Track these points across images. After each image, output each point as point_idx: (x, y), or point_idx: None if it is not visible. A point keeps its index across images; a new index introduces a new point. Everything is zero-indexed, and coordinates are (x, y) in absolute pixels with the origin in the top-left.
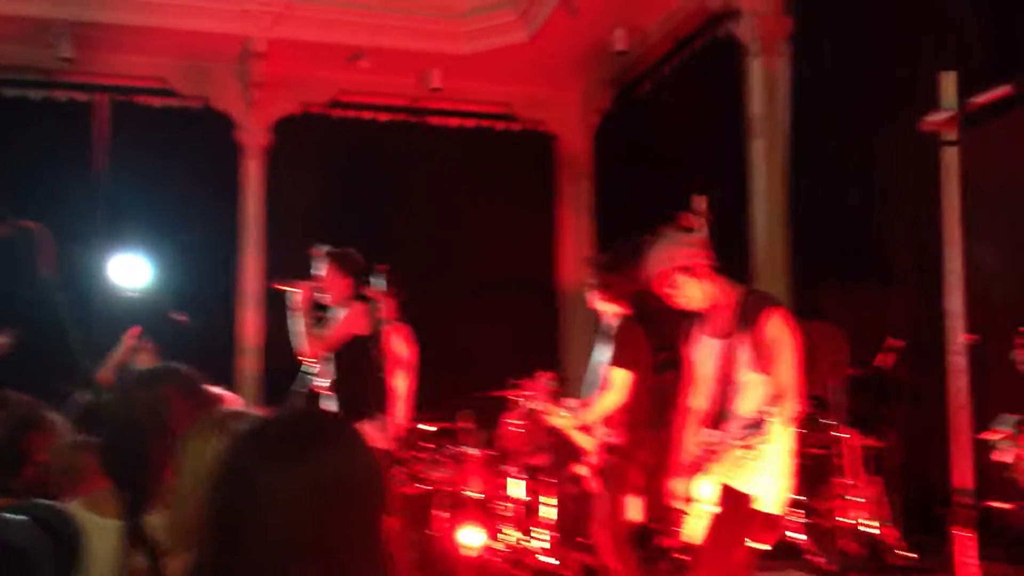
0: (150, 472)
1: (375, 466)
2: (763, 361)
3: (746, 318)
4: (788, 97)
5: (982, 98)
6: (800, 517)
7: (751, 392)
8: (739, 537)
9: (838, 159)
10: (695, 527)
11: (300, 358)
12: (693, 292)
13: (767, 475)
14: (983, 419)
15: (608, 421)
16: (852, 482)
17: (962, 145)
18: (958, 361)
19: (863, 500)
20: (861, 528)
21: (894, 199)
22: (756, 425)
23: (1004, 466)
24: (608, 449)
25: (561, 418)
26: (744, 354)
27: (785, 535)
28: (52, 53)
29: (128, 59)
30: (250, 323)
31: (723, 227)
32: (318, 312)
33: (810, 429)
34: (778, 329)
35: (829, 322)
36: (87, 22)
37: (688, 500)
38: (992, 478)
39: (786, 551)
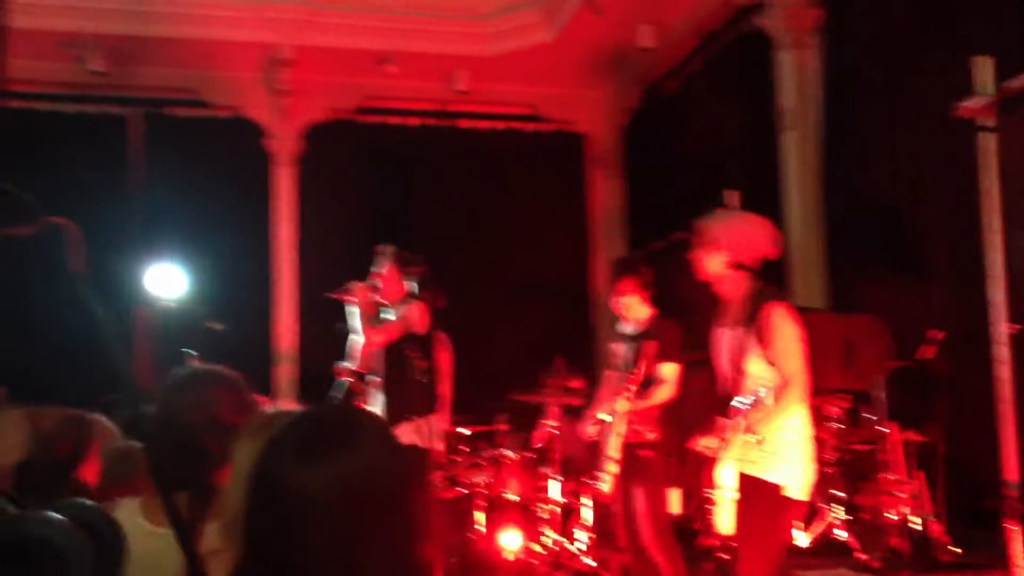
0: (210, 470)
1: (405, 464)
2: (768, 352)
3: (752, 311)
4: (819, 88)
5: (1018, 82)
6: (845, 513)
7: (758, 383)
8: (773, 526)
9: (872, 149)
10: (723, 517)
11: (337, 368)
12: (711, 267)
13: (791, 463)
14: None
15: (642, 417)
16: (896, 477)
17: (999, 131)
18: (1001, 352)
19: (907, 495)
20: (906, 524)
21: (930, 188)
22: (754, 407)
23: None
24: (644, 445)
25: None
26: (752, 346)
27: (830, 532)
28: (84, 67)
29: (159, 71)
30: (285, 330)
31: None
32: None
33: (852, 424)
34: (780, 321)
35: (870, 315)
36: (117, 35)
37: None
38: None
39: (831, 548)
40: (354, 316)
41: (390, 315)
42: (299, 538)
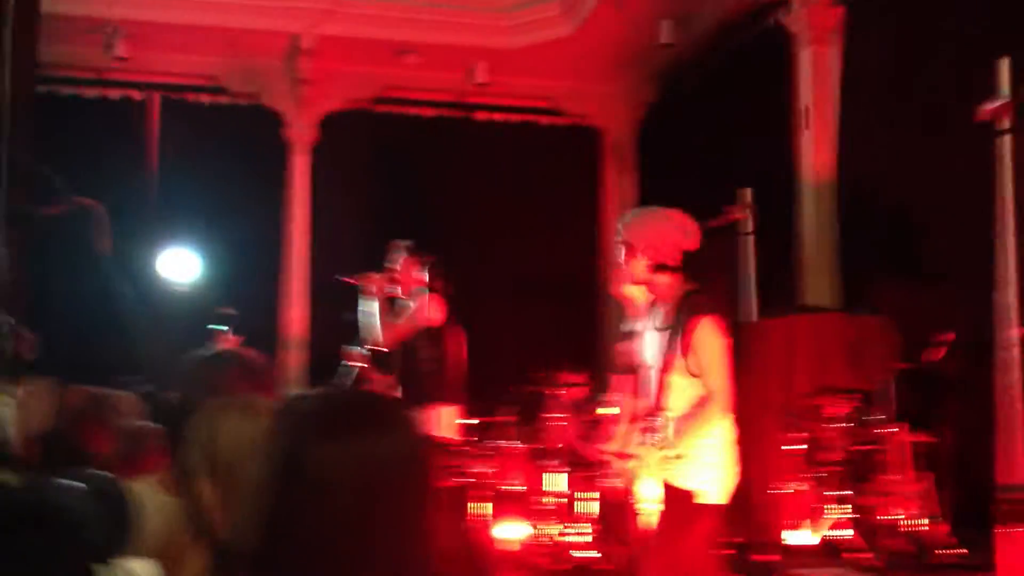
0: None
1: (422, 450)
2: (691, 365)
3: (679, 320)
4: (838, 87)
5: None
6: (850, 513)
7: (679, 395)
8: (687, 533)
9: (889, 150)
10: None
11: (344, 352)
12: (636, 271)
13: (709, 469)
14: None
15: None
16: (900, 478)
17: (1017, 133)
18: (1010, 355)
19: (911, 496)
20: (909, 524)
21: (944, 190)
22: (675, 431)
23: None
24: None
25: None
26: (676, 355)
27: (835, 531)
28: (105, 52)
29: (179, 57)
30: (296, 317)
31: (771, 220)
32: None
33: (860, 424)
34: (707, 334)
35: (880, 316)
36: (139, 21)
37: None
38: None
39: (835, 547)
40: (368, 305)
41: (405, 307)
42: (314, 516)
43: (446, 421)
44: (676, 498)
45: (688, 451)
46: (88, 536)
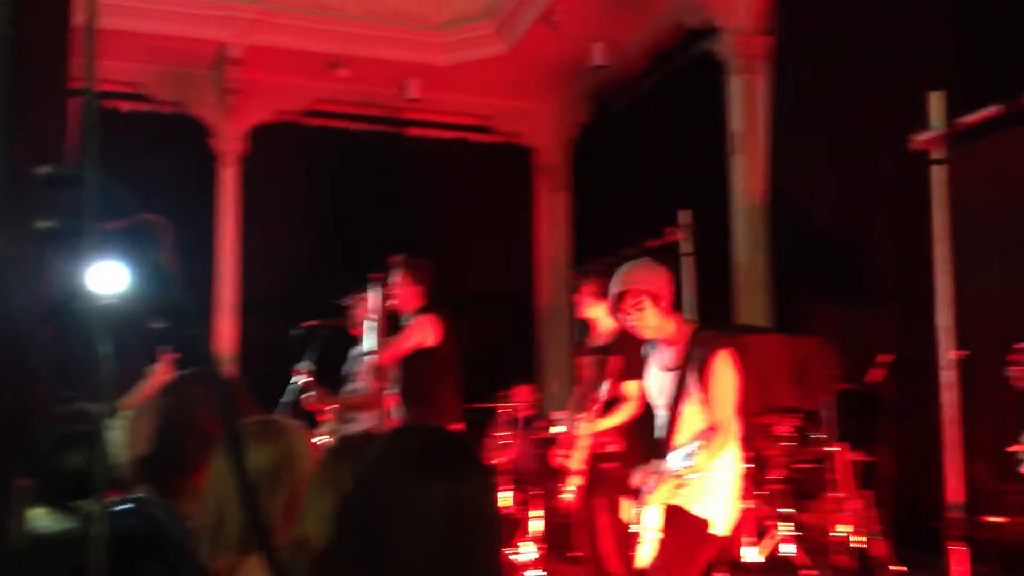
0: (185, 473)
1: (496, 492)
2: (706, 395)
3: (695, 354)
4: (768, 114)
5: (970, 118)
6: (791, 531)
7: (690, 424)
8: (692, 559)
9: (820, 175)
10: (644, 553)
11: (293, 372)
12: (651, 320)
13: (720, 499)
14: (973, 433)
15: (606, 430)
16: (843, 496)
17: (951, 163)
18: (948, 376)
19: (853, 514)
20: (851, 542)
21: (878, 215)
22: (688, 456)
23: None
24: (606, 456)
25: (584, 427)
26: (693, 388)
27: (778, 548)
28: None
29: (100, 63)
30: (226, 331)
31: (704, 242)
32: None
33: (802, 443)
34: (722, 366)
35: (821, 337)
36: None
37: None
38: (984, 492)
39: (778, 564)
40: (368, 326)
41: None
42: (404, 550)
43: None
44: (687, 524)
45: (702, 477)
46: (190, 556)
